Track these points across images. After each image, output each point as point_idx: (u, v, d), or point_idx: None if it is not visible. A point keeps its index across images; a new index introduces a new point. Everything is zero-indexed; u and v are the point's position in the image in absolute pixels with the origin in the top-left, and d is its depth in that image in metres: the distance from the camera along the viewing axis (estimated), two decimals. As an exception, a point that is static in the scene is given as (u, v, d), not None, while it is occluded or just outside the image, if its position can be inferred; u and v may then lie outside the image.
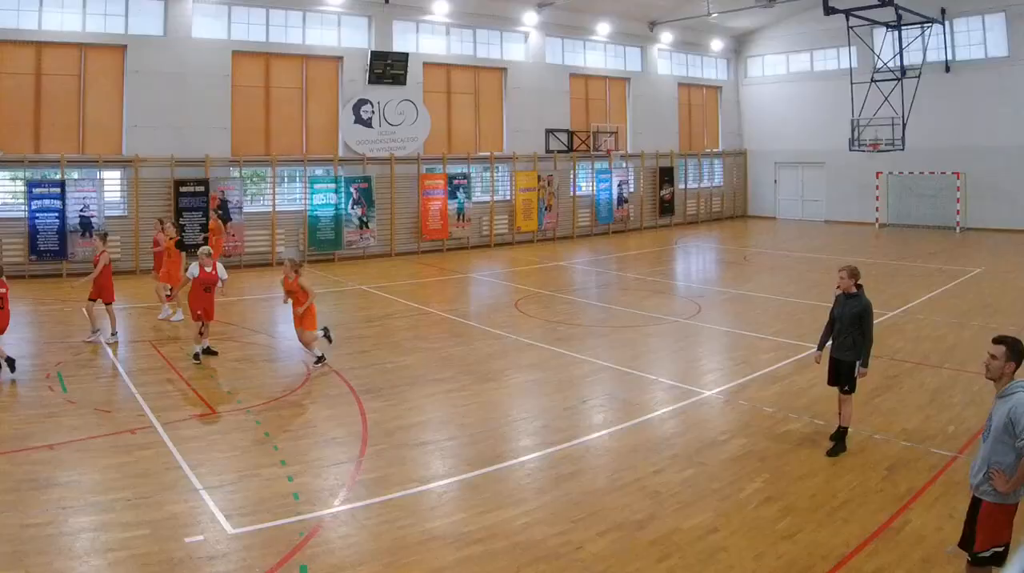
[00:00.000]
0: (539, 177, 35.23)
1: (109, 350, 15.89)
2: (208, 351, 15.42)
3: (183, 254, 19.45)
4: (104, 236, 17.18)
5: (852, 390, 10.76)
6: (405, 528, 8.56)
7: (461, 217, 32.93)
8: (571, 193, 37.05)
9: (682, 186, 42.10)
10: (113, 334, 16.52)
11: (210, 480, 9.65)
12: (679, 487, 9.62)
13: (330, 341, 15.29)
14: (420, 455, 10.78)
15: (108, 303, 16.55)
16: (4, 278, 14.05)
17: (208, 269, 15.11)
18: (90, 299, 16.59)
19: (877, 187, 39.47)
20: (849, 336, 10.58)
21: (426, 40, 32.85)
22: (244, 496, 9.30)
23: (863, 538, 8.27)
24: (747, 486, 9.65)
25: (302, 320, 14.61)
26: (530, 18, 35.00)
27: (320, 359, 14.72)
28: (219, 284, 15.40)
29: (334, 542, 8.27)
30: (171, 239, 18.72)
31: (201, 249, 15.62)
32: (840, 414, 10.79)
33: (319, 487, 9.65)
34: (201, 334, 15.24)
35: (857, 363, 10.53)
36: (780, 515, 8.84)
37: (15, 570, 7.47)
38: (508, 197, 34.77)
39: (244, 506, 9.01)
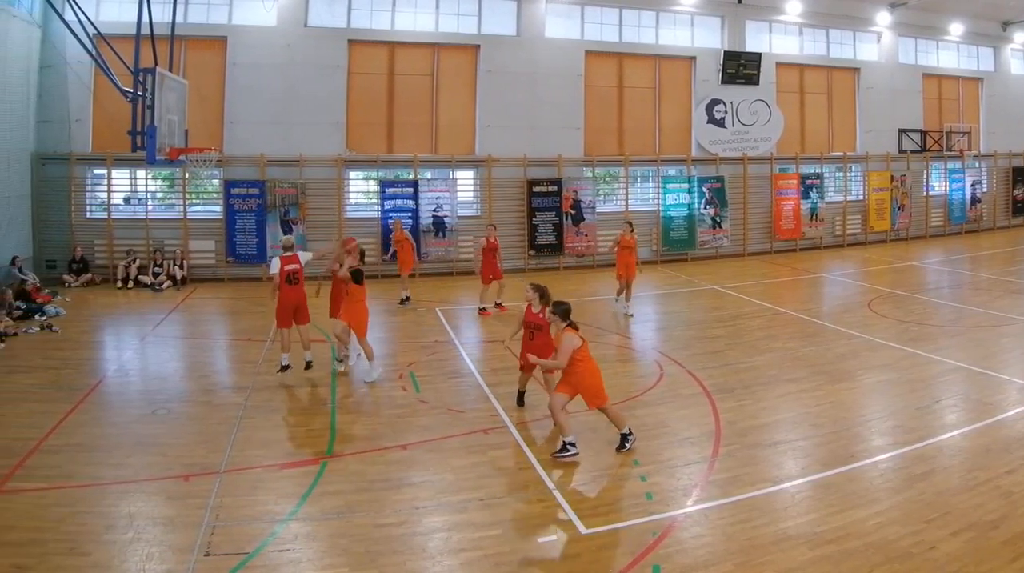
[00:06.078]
0: (892, 177, 21.52)
1: (462, 350, 10.20)
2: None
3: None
4: None
5: None
6: (758, 528, 5.20)
7: (814, 217, 20.26)
8: (924, 193, 22.79)
9: (1037, 187, 26.01)
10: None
11: (563, 480, 6.03)
12: (1034, 489, 5.40)
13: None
14: (773, 455, 6.51)
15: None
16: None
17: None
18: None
19: None
20: None
21: (778, 40, 20.43)
22: (597, 496, 5.83)
23: None
24: (1104, 487, 5.29)
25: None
26: (883, 18, 21.43)
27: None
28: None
29: (687, 542, 5.06)
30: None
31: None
32: None
33: (672, 487, 5.88)
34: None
35: None
36: None
37: (369, 569, 4.77)
38: (861, 197, 21.41)
39: (597, 506, 5.62)
